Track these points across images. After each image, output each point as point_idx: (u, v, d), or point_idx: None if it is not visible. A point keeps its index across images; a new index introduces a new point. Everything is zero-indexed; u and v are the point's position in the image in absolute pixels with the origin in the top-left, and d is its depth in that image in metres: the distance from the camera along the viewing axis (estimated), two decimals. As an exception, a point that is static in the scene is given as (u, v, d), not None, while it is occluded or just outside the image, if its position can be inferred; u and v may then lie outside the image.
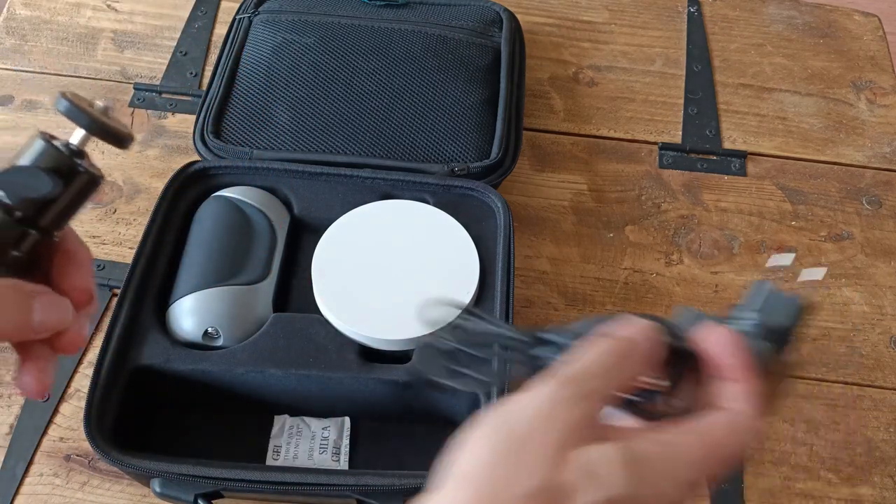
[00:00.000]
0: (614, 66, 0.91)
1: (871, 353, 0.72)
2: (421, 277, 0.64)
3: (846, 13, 0.96)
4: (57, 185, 0.35)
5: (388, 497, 0.54)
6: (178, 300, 0.61)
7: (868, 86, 0.90)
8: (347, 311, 0.62)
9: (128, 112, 0.85)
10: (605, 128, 0.86)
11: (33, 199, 0.35)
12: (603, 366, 0.32)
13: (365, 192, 0.69)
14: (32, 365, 0.38)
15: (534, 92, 0.88)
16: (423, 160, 0.73)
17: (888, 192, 0.82)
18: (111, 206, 0.78)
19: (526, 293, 0.74)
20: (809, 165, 0.84)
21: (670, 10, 0.96)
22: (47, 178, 0.35)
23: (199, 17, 0.92)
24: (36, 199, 0.35)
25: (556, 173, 0.82)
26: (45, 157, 0.35)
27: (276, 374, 0.59)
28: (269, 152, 0.73)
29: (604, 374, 0.32)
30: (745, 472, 0.65)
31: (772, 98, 0.89)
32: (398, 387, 0.60)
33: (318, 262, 0.65)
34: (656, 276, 0.76)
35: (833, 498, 0.65)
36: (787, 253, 0.41)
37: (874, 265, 0.77)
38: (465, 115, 0.76)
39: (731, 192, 0.81)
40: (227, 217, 0.66)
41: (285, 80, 0.78)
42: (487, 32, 0.84)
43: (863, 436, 0.67)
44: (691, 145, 0.84)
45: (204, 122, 0.75)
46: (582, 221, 0.79)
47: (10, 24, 0.91)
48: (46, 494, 0.62)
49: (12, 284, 0.36)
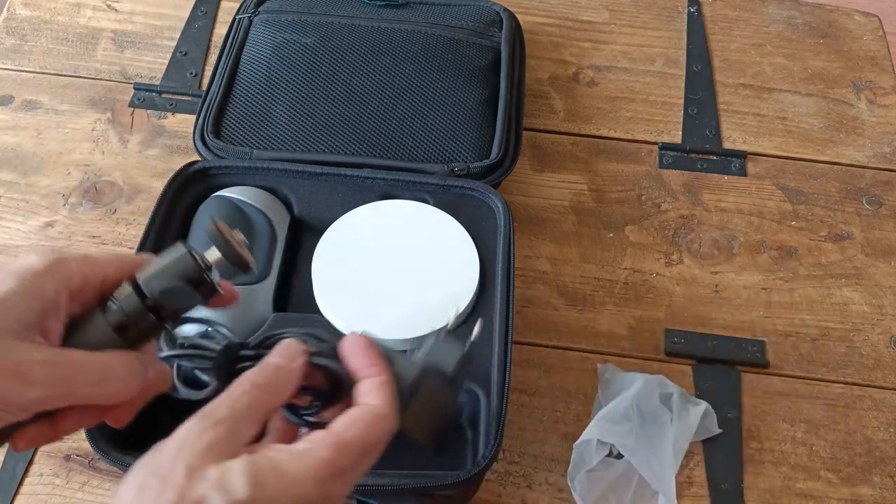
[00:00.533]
0: (614, 66, 0.91)
1: (871, 353, 0.72)
2: (421, 277, 0.64)
3: (846, 13, 0.96)
4: (196, 299, 0.42)
5: (388, 497, 0.54)
6: (178, 300, 0.61)
7: (868, 86, 0.90)
8: (347, 311, 0.62)
9: (128, 112, 0.85)
10: (605, 128, 0.86)
11: (167, 301, 0.42)
12: (233, 396, 0.38)
13: (365, 192, 0.69)
14: (70, 424, 0.43)
15: (534, 92, 0.88)
16: (423, 160, 0.73)
17: (888, 192, 0.82)
18: (111, 206, 0.78)
19: (526, 293, 0.74)
20: (809, 165, 0.84)
21: (670, 10, 0.96)
22: (196, 296, 0.42)
23: (199, 17, 0.92)
24: (173, 304, 0.42)
25: (556, 173, 0.82)
26: (185, 268, 0.42)
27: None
28: (269, 152, 0.73)
29: (233, 403, 0.38)
30: (745, 472, 0.65)
31: (772, 98, 0.89)
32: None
33: (318, 262, 0.65)
34: (656, 276, 0.76)
35: (833, 498, 0.65)
36: (477, 325, 0.47)
37: (874, 265, 0.77)
38: (465, 115, 0.76)
39: (731, 192, 0.81)
40: (227, 217, 0.66)
41: (285, 80, 0.78)
42: (487, 32, 0.84)
43: (863, 436, 0.67)
44: (691, 145, 0.84)
45: (204, 122, 0.75)
46: (582, 221, 0.79)
47: (10, 24, 0.91)
48: (46, 494, 0.62)
49: (135, 356, 0.42)
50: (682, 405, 0.65)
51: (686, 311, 0.73)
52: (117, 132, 0.83)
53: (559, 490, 0.64)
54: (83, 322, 0.41)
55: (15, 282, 0.40)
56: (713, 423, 0.66)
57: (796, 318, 0.73)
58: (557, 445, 0.66)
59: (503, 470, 0.65)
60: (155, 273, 0.42)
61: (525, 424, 0.67)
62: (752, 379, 0.70)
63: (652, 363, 0.71)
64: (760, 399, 0.69)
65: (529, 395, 0.68)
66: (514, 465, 0.65)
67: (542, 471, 0.65)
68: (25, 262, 0.41)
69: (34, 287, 0.40)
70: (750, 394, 0.69)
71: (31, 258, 0.41)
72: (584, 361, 0.70)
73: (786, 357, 0.71)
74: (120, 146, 0.82)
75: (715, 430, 0.66)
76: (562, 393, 0.69)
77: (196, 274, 0.42)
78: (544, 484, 0.64)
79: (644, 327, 0.72)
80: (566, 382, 0.69)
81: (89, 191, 0.79)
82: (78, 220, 0.77)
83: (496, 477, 0.64)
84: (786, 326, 0.73)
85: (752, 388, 0.69)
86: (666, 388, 0.66)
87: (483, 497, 0.63)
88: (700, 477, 0.65)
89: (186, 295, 0.42)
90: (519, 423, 0.67)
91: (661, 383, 0.66)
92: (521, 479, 0.64)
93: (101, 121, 0.84)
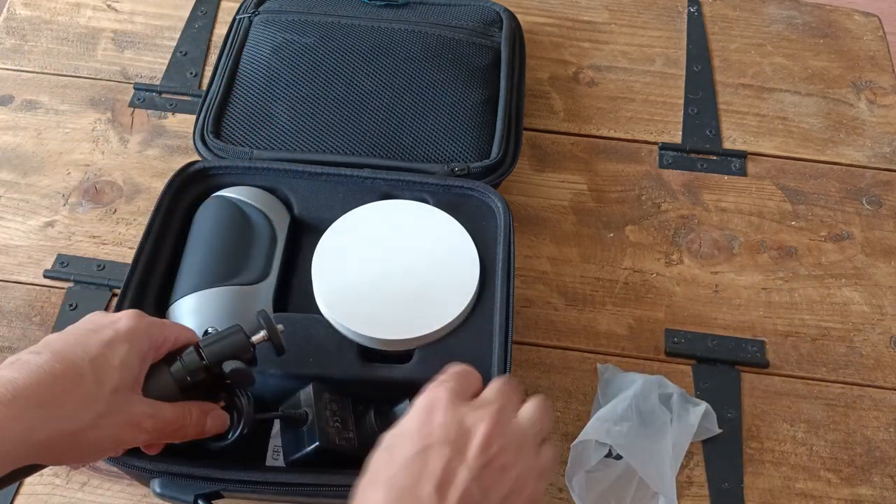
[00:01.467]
0: (614, 66, 0.91)
1: (871, 353, 0.72)
2: (421, 277, 0.64)
3: (846, 13, 0.96)
4: (241, 364, 0.52)
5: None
6: (178, 300, 0.61)
7: (868, 86, 0.90)
8: (347, 312, 0.62)
9: (128, 112, 0.85)
10: (605, 128, 0.86)
11: (219, 362, 0.52)
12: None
13: (365, 192, 0.69)
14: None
15: (534, 92, 0.88)
16: (423, 160, 0.73)
17: (888, 192, 0.82)
18: (111, 206, 0.78)
19: (526, 293, 0.74)
20: (809, 165, 0.84)
21: (670, 10, 0.96)
22: (251, 375, 0.53)
23: (199, 17, 0.92)
24: (230, 372, 0.52)
25: (556, 173, 0.82)
26: (239, 342, 0.53)
27: (275, 374, 0.59)
28: (269, 152, 0.73)
29: None
30: (745, 472, 0.65)
31: (772, 98, 0.89)
32: (398, 387, 0.60)
33: (318, 262, 0.65)
34: (656, 276, 0.76)
35: (833, 498, 0.65)
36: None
37: (874, 265, 0.77)
38: (465, 115, 0.76)
39: (732, 192, 0.81)
40: (227, 217, 0.66)
41: (285, 80, 0.78)
42: (487, 32, 0.84)
43: (863, 436, 0.67)
44: (691, 145, 0.84)
45: (204, 122, 0.75)
46: (582, 221, 0.79)
47: (10, 24, 0.91)
48: (46, 494, 0.62)
49: (198, 404, 0.51)
50: (681, 406, 0.65)
51: (686, 311, 0.73)
52: (117, 132, 0.83)
53: (559, 490, 0.63)
54: (151, 373, 0.50)
55: (127, 345, 0.48)
56: (713, 424, 0.66)
57: (796, 318, 0.73)
58: (557, 445, 0.66)
59: (503, 470, 0.65)
60: (215, 341, 0.52)
61: (525, 424, 0.67)
62: (752, 379, 0.70)
63: (652, 363, 0.71)
64: (760, 399, 0.69)
65: (529, 395, 0.68)
66: (514, 465, 0.65)
67: (542, 471, 0.65)
68: (127, 325, 0.49)
69: (139, 349, 0.49)
70: (750, 394, 0.69)
71: (130, 322, 0.50)
72: (583, 361, 0.70)
73: (786, 357, 0.71)
74: (120, 146, 0.82)
75: (715, 430, 0.66)
76: (562, 393, 0.69)
77: (245, 348, 0.53)
78: (544, 484, 0.64)
79: (644, 327, 0.72)
80: (566, 382, 0.69)
81: (89, 191, 0.79)
82: (78, 220, 0.77)
83: (496, 477, 0.64)
84: (786, 326, 0.73)
85: (752, 388, 0.69)
86: (665, 388, 0.66)
87: (483, 497, 0.63)
88: (700, 477, 0.65)
89: (234, 359, 0.52)
90: (519, 423, 0.67)
91: (660, 383, 0.66)
92: (521, 479, 0.64)
93: (101, 121, 0.84)
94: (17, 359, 0.46)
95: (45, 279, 0.73)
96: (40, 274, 0.74)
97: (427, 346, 0.61)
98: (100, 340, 0.48)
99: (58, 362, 0.45)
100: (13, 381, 0.44)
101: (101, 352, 0.47)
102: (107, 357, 0.47)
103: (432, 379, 0.47)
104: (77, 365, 0.46)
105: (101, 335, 0.48)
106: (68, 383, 0.45)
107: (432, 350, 0.61)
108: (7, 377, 0.44)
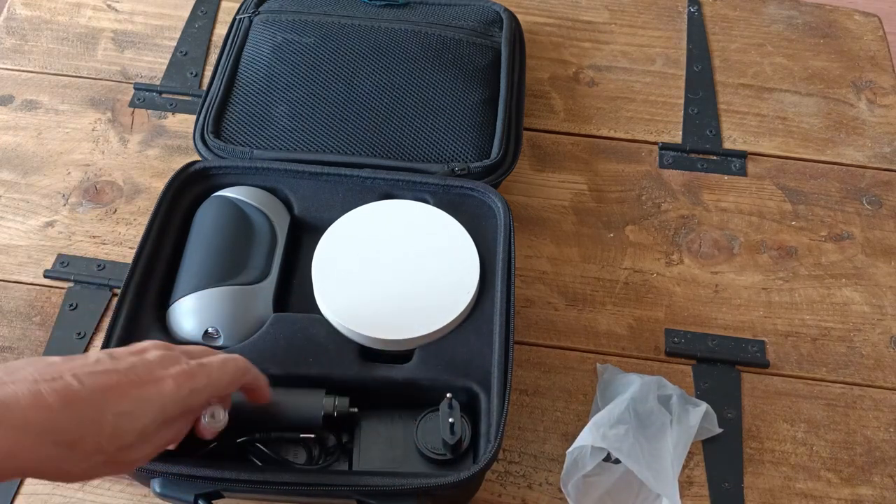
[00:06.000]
0: (614, 66, 0.91)
1: (871, 353, 0.72)
2: (421, 277, 0.64)
3: (846, 13, 0.96)
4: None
5: (388, 497, 0.54)
6: (179, 300, 0.62)
7: (868, 86, 0.90)
8: (347, 311, 0.62)
9: (128, 112, 0.85)
10: (605, 128, 0.86)
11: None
12: None
13: (365, 192, 0.69)
14: None
15: (534, 92, 0.88)
16: (423, 160, 0.73)
17: (888, 192, 0.82)
18: (111, 206, 0.78)
19: (526, 293, 0.74)
20: (810, 165, 0.84)
21: (670, 10, 0.96)
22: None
23: (199, 17, 0.92)
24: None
25: (557, 173, 0.82)
26: None
27: (276, 374, 0.59)
28: (270, 152, 0.73)
29: None
30: (746, 472, 0.65)
31: (772, 98, 0.89)
32: (398, 386, 0.60)
33: (318, 262, 0.65)
34: (656, 276, 0.76)
35: (833, 498, 0.65)
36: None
37: (874, 265, 0.77)
38: (465, 115, 0.76)
39: (732, 192, 0.81)
40: (227, 217, 0.66)
41: (285, 80, 0.78)
42: (487, 32, 0.84)
43: (863, 436, 0.67)
44: (691, 145, 0.84)
45: (204, 121, 0.75)
46: (582, 221, 0.79)
47: (10, 24, 0.91)
48: (46, 494, 0.62)
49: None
50: (681, 407, 0.65)
51: (686, 311, 0.73)
52: (117, 132, 0.83)
53: (559, 490, 0.63)
54: None
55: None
56: (713, 424, 0.66)
57: (796, 318, 0.73)
58: (557, 445, 0.66)
59: (503, 470, 0.65)
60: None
61: (525, 424, 0.67)
62: (752, 379, 0.70)
63: (652, 363, 0.71)
64: (760, 399, 0.69)
65: (529, 395, 0.68)
66: (514, 465, 0.65)
67: (542, 471, 0.65)
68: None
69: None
70: (750, 394, 0.69)
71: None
72: (583, 361, 0.70)
73: (786, 357, 0.71)
74: (120, 146, 0.82)
75: (715, 430, 0.66)
76: (562, 393, 0.69)
77: None
78: (544, 484, 0.64)
79: (644, 327, 0.72)
80: (566, 382, 0.69)
81: (89, 191, 0.79)
82: (78, 219, 0.77)
83: (496, 477, 0.64)
84: (786, 326, 0.73)
85: (752, 388, 0.69)
86: (665, 389, 0.65)
87: (483, 497, 0.63)
88: (700, 477, 0.65)
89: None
90: (519, 423, 0.67)
91: (659, 384, 0.65)
92: (521, 479, 0.64)
93: (102, 121, 0.84)
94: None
95: (46, 279, 0.73)
96: (40, 274, 0.74)
97: (427, 346, 0.61)
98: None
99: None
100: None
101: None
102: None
103: (432, 379, 0.47)
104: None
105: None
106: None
107: (432, 350, 0.61)
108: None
